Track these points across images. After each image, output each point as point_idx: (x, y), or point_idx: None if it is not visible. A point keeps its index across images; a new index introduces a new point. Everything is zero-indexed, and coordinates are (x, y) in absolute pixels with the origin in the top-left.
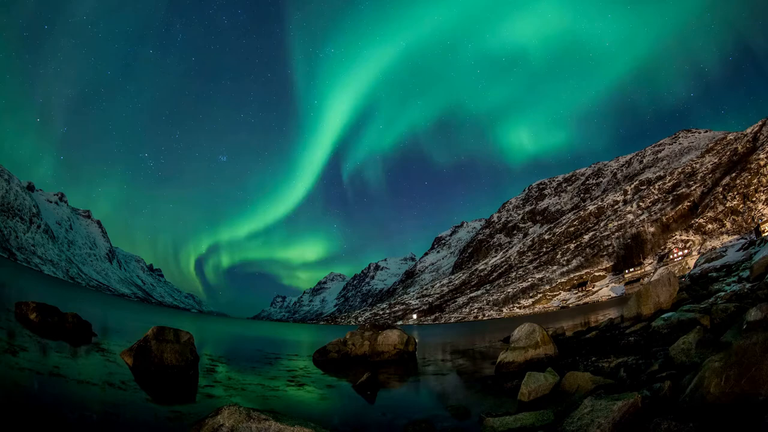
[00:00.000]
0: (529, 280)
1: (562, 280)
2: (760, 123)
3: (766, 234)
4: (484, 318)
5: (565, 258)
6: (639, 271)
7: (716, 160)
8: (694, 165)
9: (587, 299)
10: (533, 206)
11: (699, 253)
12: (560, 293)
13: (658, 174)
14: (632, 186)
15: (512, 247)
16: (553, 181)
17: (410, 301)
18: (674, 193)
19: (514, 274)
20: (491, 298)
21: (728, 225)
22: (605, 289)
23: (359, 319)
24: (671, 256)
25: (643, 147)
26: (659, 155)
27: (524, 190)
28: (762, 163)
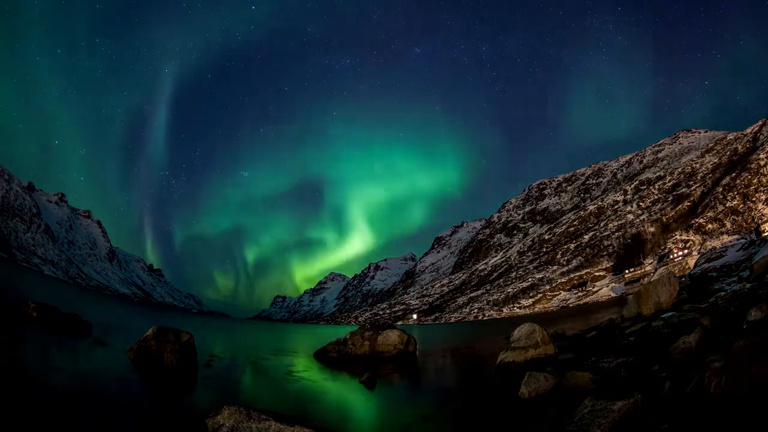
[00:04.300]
0: (529, 280)
1: (562, 280)
2: (760, 123)
3: (766, 234)
4: (484, 318)
5: (565, 258)
6: (639, 271)
7: (716, 160)
8: (694, 165)
9: (587, 299)
10: (533, 206)
11: (699, 253)
12: (560, 293)
13: (658, 174)
14: (632, 186)
15: (512, 247)
16: (553, 181)
17: (410, 301)
18: (674, 193)
19: (514, 274)
20: (491, 298)
21: (728, 225)
22: (605, 289)
23: (359, 319)
24: (671, 256)
25: (642, 147)
26: (659, 155)
27: (524, 190)
28: (762, 163)
